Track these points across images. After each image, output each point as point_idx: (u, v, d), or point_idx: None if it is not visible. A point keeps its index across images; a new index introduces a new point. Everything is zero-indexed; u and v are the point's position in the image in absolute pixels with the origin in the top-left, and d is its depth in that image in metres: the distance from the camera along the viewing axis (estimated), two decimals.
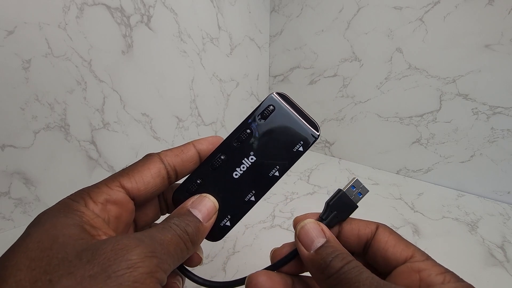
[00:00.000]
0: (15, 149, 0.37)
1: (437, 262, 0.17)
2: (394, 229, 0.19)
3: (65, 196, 0.16)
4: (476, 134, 0.48)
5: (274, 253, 0.21)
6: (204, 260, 0.33)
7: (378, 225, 0.19)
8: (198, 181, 0.20)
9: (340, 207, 0.19)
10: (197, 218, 0.17)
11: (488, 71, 0.45)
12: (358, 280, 0.14)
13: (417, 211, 0.45)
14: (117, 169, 0.49)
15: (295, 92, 0.72)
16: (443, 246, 0.37)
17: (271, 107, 0.20)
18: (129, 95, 0.48)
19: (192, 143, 0.21)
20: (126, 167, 0.19)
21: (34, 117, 0.38)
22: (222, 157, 0.20)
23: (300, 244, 0.18)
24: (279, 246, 0.21)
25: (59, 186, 0.42)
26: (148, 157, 0.19)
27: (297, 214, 0.21)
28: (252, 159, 0.20)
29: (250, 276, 0.18)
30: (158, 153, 0.20)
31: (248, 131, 0.20)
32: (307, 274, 0.19)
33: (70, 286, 0.11)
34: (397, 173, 0.59)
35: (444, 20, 0.47)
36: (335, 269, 0.15)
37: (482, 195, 0.50)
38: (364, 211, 0.38)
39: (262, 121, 0.20)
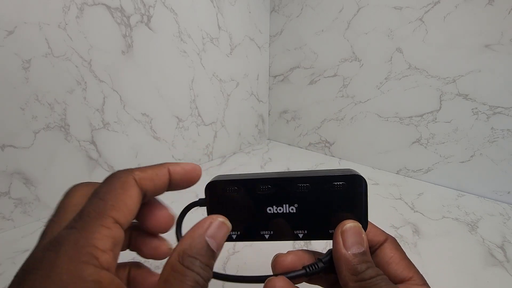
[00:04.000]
0: (15, 149, 0.37)
1: None
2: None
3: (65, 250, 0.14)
4: (476, 134, 0.48)
5: (277, 258, 0.20)
6: None
7: (387, 237, 0.20)
8: (236, 188, 0.20)
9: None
10: (213, 252, 0.17)
11: (488, 71, 0.45)
12: None
13: (417, 211, 0.45)
14: (117, 169, 0.49)
15: (295, 92, 0.72)
16: (443, 246, 0.37)
17: (342, 183, 0.19)
18: (129, 95, 0.48)
19: (167, 167, 0.19)
20: (104, 193, 0.16)
21: (34, 117, 0.38)
22: (271, 187, 0.20)
23: (340, 240, 0.18)
24: (283, 252, 0.20)
25: (59, 186, 0.42)
26: (125, 180, 0.17)
27: None
28: (292, 209, 0.20)
29: (271, 279, 0.18)
30: (132, 175, 0.18)
31: (307, 185, 0.20)
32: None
33: None
34: (397, 173, 0.59)
35: (444, 20, 0.47)
36: (369, 276, 0.17)
37: (482, 195, 0.50)
38: None
39: (326, 187, 0.20)
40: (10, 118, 0.36)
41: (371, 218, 0.20)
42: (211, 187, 0.20)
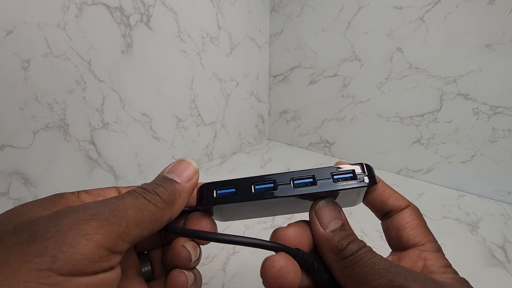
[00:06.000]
0: (15, 149, 0.37)
1: (445, 256, 0.17)
2: None
3: None
4: (477, 134, 0.48)
5: (277, 233, 0.19)
6: (204, 261, 0.33)
7: (409, 205, 0.19)
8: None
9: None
10: (174, 180, 0.17)
11: (488, 71, 0.45)
12: (372, 262, 0.15)
13: None
14: (117, 169, 0.49)
15: (295, 92, 0.72)
16: (443, 247, 0.37)
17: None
18: (128, 95, 0.48)
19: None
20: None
21: (34, 117, 0.38)
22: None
23: (316, 221, 0.17)
24: (283, 226, 0.19)
25: (59, 186, 0.42)
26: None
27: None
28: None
29: (268, 258, 0.17)
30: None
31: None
32: None
33: None
34: (398, 173, 0.59)
35: (445, 20, 0.47)
36: (350, 252, 0.15)
37: (482, 195, 0.50)
38: (363, 212, 0.38)
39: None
40: (10, 118, 0.36)
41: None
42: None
